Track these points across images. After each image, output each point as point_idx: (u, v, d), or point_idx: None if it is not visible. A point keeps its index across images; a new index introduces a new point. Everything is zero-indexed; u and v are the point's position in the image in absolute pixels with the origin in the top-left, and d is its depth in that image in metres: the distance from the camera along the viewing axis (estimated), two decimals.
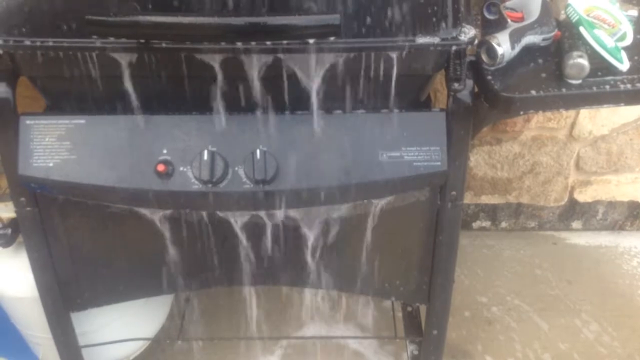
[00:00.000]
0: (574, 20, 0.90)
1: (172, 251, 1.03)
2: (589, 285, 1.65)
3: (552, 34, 0.90)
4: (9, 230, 1.07)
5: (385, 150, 0.90)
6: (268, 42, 0.77)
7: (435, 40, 0.80)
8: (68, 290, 1.08)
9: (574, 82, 0.84)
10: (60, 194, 0.94)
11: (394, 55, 0.83)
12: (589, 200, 1.77)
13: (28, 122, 0.89)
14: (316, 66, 0.82)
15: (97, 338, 1.21)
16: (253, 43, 0.77)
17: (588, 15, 0.90)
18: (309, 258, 1.04)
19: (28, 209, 0.97)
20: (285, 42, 0.78)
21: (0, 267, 1.14)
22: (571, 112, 1.56)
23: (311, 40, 0.77)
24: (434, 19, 0.80)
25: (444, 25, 0.81)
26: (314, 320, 1.50)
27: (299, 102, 0.88)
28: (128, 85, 0.84)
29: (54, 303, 1.08)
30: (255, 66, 0.82)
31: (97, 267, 1.07)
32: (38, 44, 0.79)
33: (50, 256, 1.03)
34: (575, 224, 1.83)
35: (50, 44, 0.79)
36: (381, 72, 0.84)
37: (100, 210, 0.97)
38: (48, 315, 1.10)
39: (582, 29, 0.87)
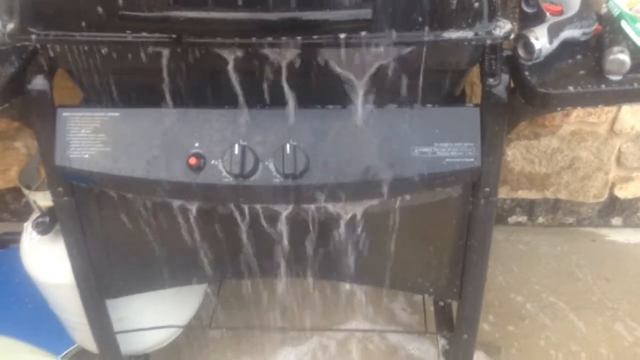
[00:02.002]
0: (615, 14, 0.87)
1: (203, 242, 1.04)
2: (628, 283, 1.61)
3: (592, 28, 0.87)
4: (47, 219, 1.09)
5: (417, 146, 0.89)
6: (299, 37, 0.77)
7: (469, 35, 0.78)
8: (103, 277, 1.10)
9: (614, 78, 0.81)
10: (95, 185, 0.96)
11: (426, 50, 0.81)
12: (630, 196, 1.72)
13: (65, 114, 0.91)
14: (347, 61, 0.81)
15: (131, 324, 1.24)
16: (284, 38, 0.77)
17: (630, 9, 0.87)
18: (339, 252, 1.04)
19: (65, 198, 0.99)
20: (316, 36, 0.77)
21: (38, 254, 1.17)
22: (612, 107, 1.51)
23: (343, 35, 0.77)
24: (468, 13, 0.78)
25: (478, 19, 0.79)
26: (345, 313, 1.51)
27: (330, 96, 0.87)
28: (160, 79, 0.85)
29: (90, 290, 1.11)
30: (286, 61, 0.81)
31: (131, 256, 1.09)
32: (72, 38, 0.80)
33: (86, 244, 1.05)
34: (615, 221, 1.78)
35: (85, 38, 0.80)
36: (413, 67, 0.83)
37: (134, 201, 0.98)
38: (84, 302, 1.13)
39: (623, 23, 0.84)
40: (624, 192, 1.71)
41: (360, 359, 1.45)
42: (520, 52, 0.85)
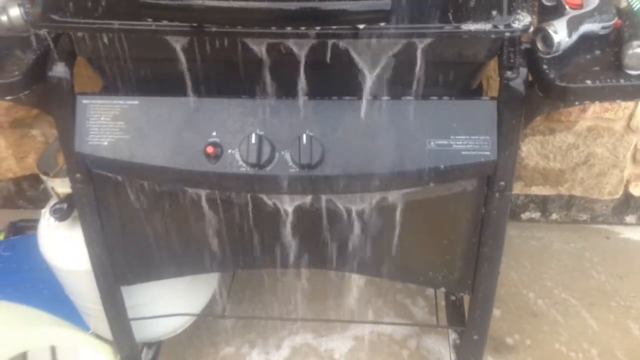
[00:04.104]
0: (635, 8, 0.86)
1: (218, 231, 1.05)
2: None
3: (612, 22, 0.87)
4: (65, 205, 1.11)
5: (433, 138, 0.89)
6: (318, 28, 0.77)
7: (488, 27, 0.78)
8: (119, 264, 1.11)
9: (633, 72, 0.81)
10: (113, 172, 0.97)
11: (444, 42, 0.81)
12: None
13: (85, 101, 0.92)
14: (365, 52, 0.82)
15: (145, 312, 1.25)
16: (303, 28, 0.77)
17: None
18: (353, 244, 1.05)
19: (83, 185, 1.00)
20: (335, 27, 0.78)
21: (56, 240, 1.19)
22: (630, 103, 1.50)
23: (361, 26, 0.77)
24: (488, 5, 0.78)
25: (497, 11, 0.78)
26: (356, 305, 1.51)
27: (347, 87, 0.87)
28: (180, 68, 0.85)
29: (106, 276, 1.12)
30: (304, 51, 0.82)
31: (147, 243, 1.09)
32: (94, 25, 0.81)
33: (103, 231, 1.06)
34: (630, 218, 1.77)
35: (105, 26, 0.81)
36: (431, 59, 0.83)
37: (151, 189, 0.99)
38: (100, 288, 1.14)
39: None
40: (639, 190, 1.70)
41: (372, 351, 1.45)
42: (539, 45, 0.85)
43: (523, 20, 0.79)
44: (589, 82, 0.80)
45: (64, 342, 1.02)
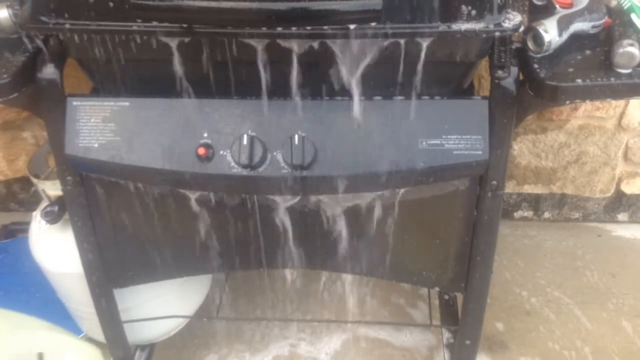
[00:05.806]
0: (625, 7, 0.87)
1: (211, 232, 1.04)
2: (634, 279, 1.61)
3: (602, 21, 0.87)
4: (56, 208, 1.10)
5: (425, 138, 0.89)
6: (309, 28, 0.77)
7: (479, 26, 0.78)
8: (111, 267, 1.11)
9: (623, 71, 0.81)
10: (104, 174, 0.96)
11: (435, 41, 0.81)
12: (636, 192, 1.71)
13: (75, 103, 0.92)
14: (356, 52, 0.82)
15: (138, 314, 1.24)
16: (294, 28, 0.77)
17: None
18: (346, 244, 1.05)
19: (74, 187, 1.00)
20: (326, 27, 0.77)
21: (47, 243, 1.18)
22: (620, 102, 1.51)
23: (352, 26, 0.77)
24: (478, 5, 0.78)
25: (487, 11, 0.78)
26: (350, 305, 1.51)
27: (339, 88, 0.87)
28: (170, 69, 0.85)
29: (98, 279, 1.12)
30: (295, 51, 0.81)
31: (139, 245, 1.09)
32: (83, 27, 0.80)
33: (95, 234, 1.06)
34: (621, 216, 1.78)
35: (95, 27, 0.80)
36: (422, 59, 0.83)
37: (143, 190, 0.99)
38: (92, 291, 1.14)
39: (633, 16, 0.84)
40: (630, 188, 1.70)
41: (366, 351, 1.45)
42: (530, 44, 0.85)
43: (513, 19, 0.80)
44: (579, 81, 0.81)
45: (53, 347, 1.01)
